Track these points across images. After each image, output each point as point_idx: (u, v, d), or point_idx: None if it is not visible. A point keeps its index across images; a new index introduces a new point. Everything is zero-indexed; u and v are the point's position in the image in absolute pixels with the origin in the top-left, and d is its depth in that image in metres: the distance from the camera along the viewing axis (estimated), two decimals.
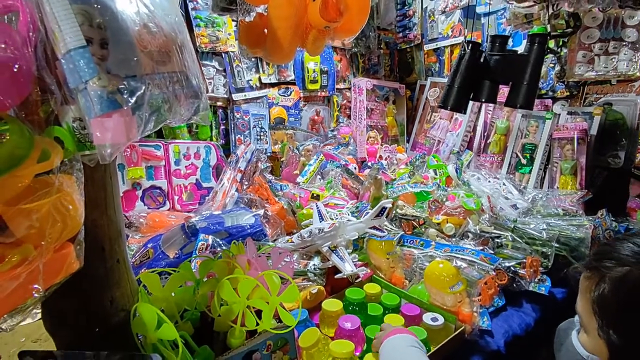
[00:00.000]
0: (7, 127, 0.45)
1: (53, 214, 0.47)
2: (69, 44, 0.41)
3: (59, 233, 0.49)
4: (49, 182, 0.47)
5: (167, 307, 0.83)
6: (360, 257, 1.47)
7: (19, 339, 1.11)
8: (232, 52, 2.07)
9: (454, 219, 1.64)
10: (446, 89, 1.20)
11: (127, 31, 0.46)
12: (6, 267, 0.45)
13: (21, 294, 0.46)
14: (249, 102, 2.17)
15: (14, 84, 0.43)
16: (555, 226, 1.58)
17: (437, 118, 2.43)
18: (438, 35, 2.48)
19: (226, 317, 0.82)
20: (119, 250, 0.69)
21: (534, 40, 1.07)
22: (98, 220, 0.64)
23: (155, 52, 0.49)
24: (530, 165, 1.98)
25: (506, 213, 1.70)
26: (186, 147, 1.93)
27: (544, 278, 1.42)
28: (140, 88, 0.45)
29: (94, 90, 0.42)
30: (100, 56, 0.43)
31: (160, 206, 1.83)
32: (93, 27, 0.43)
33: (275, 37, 0.76)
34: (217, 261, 0.91)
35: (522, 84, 1.09)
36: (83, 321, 0.66)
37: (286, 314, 0.78)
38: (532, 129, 1.98)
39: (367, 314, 1.20)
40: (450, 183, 1.96)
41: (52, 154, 0.47)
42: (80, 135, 0.50)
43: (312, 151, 2.14)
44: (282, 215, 1.69)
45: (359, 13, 0.83)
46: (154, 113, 0.49)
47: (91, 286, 0.65)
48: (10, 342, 1.10)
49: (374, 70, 2.66)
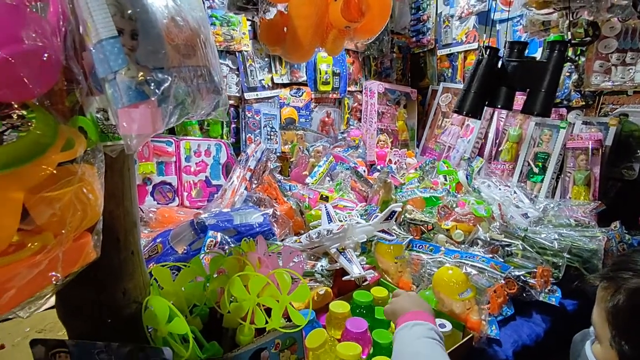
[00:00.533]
0: (33, 115, 0.45)
1: (74, 203, 0.47)
2: (101, 34, 0.42)
3: (79, 222, 0.49)
4: (72, 171, 0.48)
5: (177, 301, 0.83)
6: (368, 260, 1.47)
7: (24, 329, 1.11)
8: (245, 52, 2.08)
9: (463, 226, 1.63)
10: (462, 93, 1.19)
11: (156, 23, 0.46)
12: (26, 254, 0.45)
13: (40, 282, 0.46)
14: (260, 102, 2.17)
15: (43, 73, 0.44)
16: (567, 237, 1.56)
17: (448, 124, 2.42)
18: (452, 40, 2.47)
19: (236, 314, 0.82)
20: (133, 241, 0.69)
21: (554, 48, 1.06)
22: (114, 211, 0.64)
23: (182, 45, 0.49)
24: (542, 174, 1.95)
25: (517, 221, 1.68)
26: (197, 144, 1.95)
27: (554, 289, 1.40)
28: (167, 80, 0.45)
29: (123, 80, 0.43)
30: (130, 47, 0.44)
31: (169, 202, 1.84)
32: (124, 18, 0.43)
33: (295, 35, 0.76)
34: (228, 258, 0.91)
35: (540, 91, 1.07)
36: (96, 311, 0.66)
37: (296, 313, 0.78)
38: (546, 138, 1.96)
39: (374, 317, 1.19)
40: (460, 189, 1.94)
41: (76, 143, 0.48)
42: (103, 125, 0.50)
43: (321, 152, 2.14)
44: (290, 215, 1.69)
45: (380, 14, 0.83)
46: (178, 106, 0.49)
47: (105, 277, 0.65)
48: (14, 332, 1.10)
49: (386, 74, 2.66)
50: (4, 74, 0.41)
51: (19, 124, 0.43)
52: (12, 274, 0.43)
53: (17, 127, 0.43)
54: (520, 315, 1.33)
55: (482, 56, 1.13)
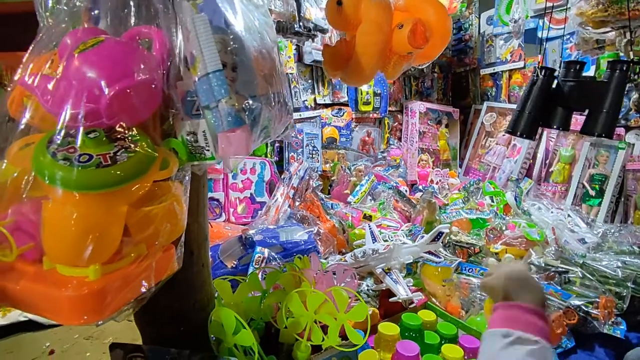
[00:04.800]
0: (137, 138, 0.51)
1: (167, 217, 0.52)
2: (208, 67, 0.47)
3: (169, 235, 0.54)
4: (167, 188, 0.53)
5: (236, 314, 0.87)
6: (414, 282, 1.44)
7: (73, 335, 1.16)
8: (290, 74, 2.17)
9: (513, 250, 1.57)
10: (516, 114, 1.17)
11: (250, 56, 0.51)
12: (127, 262, 0.50)
13: (136, 288, 0.51)
14: (303, 122, 2.24)
15: (150, 100, 0.50)
16: (632, 265, 1.45)
17: (493, 143, 2.36)
18: (496, 59, 2.44)
19: (292, 330, 0.84)
20: (204, 255, 0.74)
21: (615, 67, 1.02)
22: (190, 225, 0.69)
23: (267, 74, 0.54)
24: (599, 197, 1.84)
25: (573, 247, 1.59)
26: (243, 162, 2.03)
27: (619, 321, 1.30)
28: (258, 107, 0.50)
29: (224, 108, 0.48)
30: (231, 78, 0.49)
31: (217, 217, 1.92)
32: (227, 53, 0.48)
33: (359, 61, 0.80)
34: (284, 274, 0.93)
35: (602, 111, 1.04)
36: (171, 320, 0.70)
37: (353, 332, 0.78)
38: (602, 159, 1.86)
39: (423, 341, 1.15)
40: (509, 211, 1.87)
41: (171, 163, 0.53)
42: (192, 147, 0.55)
43: (363, 171, 2.16)
44: (333, 234, 1.70)
45: (441, 40, 0.86)
46: (264, 130, 0.53)
47: (181, 288, 0.70)
48: (64, 338, 1.15)
49: (427, 94, 2.66)
50: (121, 103, 0.47)
51: (128, 146, 0.49)
52: (116, 280, 0.48)
53: (126, 148, 0.48)
54: (581, 348, 1.24)
55: (536, 76, 1.12)
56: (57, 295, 0.46)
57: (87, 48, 0.49)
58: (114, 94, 0.47)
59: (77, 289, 0.45)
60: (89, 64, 0.48)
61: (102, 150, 0.47)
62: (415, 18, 0.79)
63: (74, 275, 0.47)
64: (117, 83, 0.48)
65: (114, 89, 0.47)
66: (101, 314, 0.46)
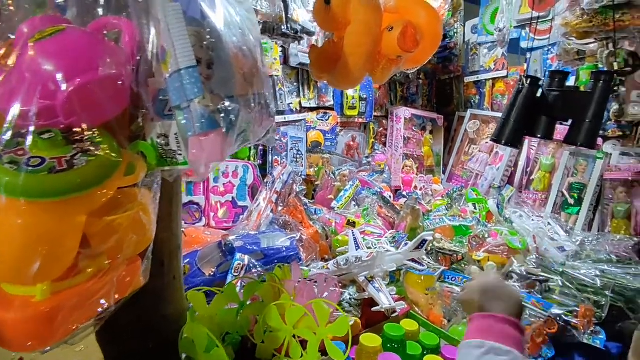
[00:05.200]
0: (100, 140, 0.46)
1: (133, 228, 0.47)
2: (180, 63, 0.43)
3: (134, 246, 0.49)
4: (132, 195, 0.48)
5: (210, 328, 0.81)
6: (397, 290, 1.41)
7: None
8: (276, 76, 2.13)
9: (496, 258, 1.56)
10: (501, 122, 1.17)
11: (228, 52, 0.47)
12: (83, 279, 0.45)
13: (93, 308, 0.46)
14: (288, 125, 2.20)
15: (115, 98, 0.45)
16: (609, 273, 1.47)
17: (475, 150, 2.38)
18: (479, 68, 2.47)
19: (270, 345, 0.79)
20: (176, 266, 0.69)
21: (599, 78, 1.03)
22: (161, 234, 0.64)
23: (247, 73, 0.50)
24: (578, 206, 1.87)
25: (553, 255, 1.60)
26: (225, 166, 1.97)
27: (598, 330, 1.31)
28: (235, 109, 0.46)
29: (197, 109, 0.43)
30: (206, 76, 0.44)
31: (196, 222, 1.85)
32: (202, 48, 0.44)
33: (347, 64, 0.76)
34: (263, 284, 0.89)
35: (584, 121, 1.04)
36: (136, 336, 0.64)
37: (334, 348, 0.74)
38: (581, 168, 1.89)
39: (405, 352, 1.13)
40: (491, 219, 1.88)
41: (138, 168, 0.48)
42: (162, 151, 0.51)
43: (347, 177, 2.13)
44: (316, 240, 1.67)
45: (431, 44, 0.84)
46: (242, 134, 0.49)
47: (148, 301, 0.64)
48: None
49: (412, 100, 2.67)
50: (82, 100, 0.42)
51: (88, 149, 0.43)
52: (70, 299, 0.43)
53: (86, 151, 0.43)
54: (561, 357, 1.24)
55: (522, 85, 1.12)
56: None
57: (44, 37, 0.44)
58: (72, 89, 0.42)
59: (21, 310, 0.40)
60: (46, 55, 0.43)
61: (57, 154, 0.42)
62: (405, 20, 0.77)
63: (20, 295, 0.41)
64: (77, 77, 0.42)
65: (73, 84, 0.42)
66: (49, 339, 0.40)
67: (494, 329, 0.63)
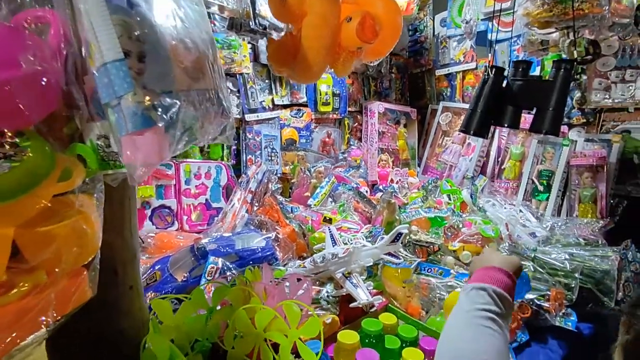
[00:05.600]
0: (27, 144, 0.42)
1: (71, 238, 0.43)
2: (105, 56, 0.39)
3: (75, 258, 0.45)
4: (69, 203, 0.44)
5: (177, 337, 0.78)
6: (374, 284, 1.41)
7: None
8: (246, 74, 2.08)
9: (471, 247, 1.59)
10: (468, 113, 1.18)
11: (165, 45, 0.43)
12: (16, 297, 0.41)
13: (29, 327, 0.42)
14: (261, 123, 2.16)
15: (41, 99, 0.40)
16: (578, 256, 1.51)
17: (449, 142, 2.41)
18: (450, 60, 2.50)
19: (241, 350, 0.76)
20: (132, 275, 0.65)
21: (560, 66, 1.05)
22: (113, 242, 0.60)
23: (190, 68, 0.46)
24: (547, 192, 1.93)
25: (525, 241, 1.64)
26: (197, 167, 1.91)
27: (569, 312, 1.35)
28: (175, 105, 0.42)
29: (128, 106, 0.39)
30: (137, 70, 0.41)
31: (168, 226, 1.79)
32: (131, 39, 0.40)
33: (306, 57, 0.74)
34: (232, 288, 0.86)
35: (548, 109, 1.06)
36: (88, 350, 0.60)
37: (307, 350, 0.72)
38: (549, 155, 1.95)
39: (384, 347, 1.12)
40: (465, 209, 1.91)
41: (74, 173, 0.44)
42: (104, 153, 0.47)
43: (323, 173, 2.11)
44: (292, 238, 1.64)
45: (391, 35, 0.82)
46: (186, 132, 0.46)
47: (101, 314, 0.60)
48: None
49: (385, 94, 2.68)
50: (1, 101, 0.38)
51: (12, 153, 0.39)
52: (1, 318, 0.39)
53: (10, 156, 0.39)
54: (535, 341, 1.27)
55: (487, 76, 1.13)
56: None
57: None
58: None
59: None
60: None
61: None
62: (363, 11, 0.75)
63: None
64: None
65: None
66: None
67: (486, 274, 0.75)
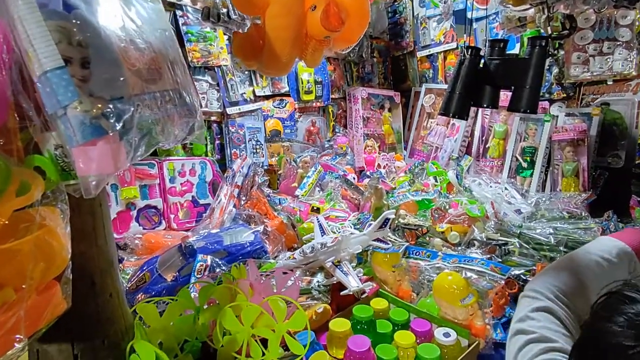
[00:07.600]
0: None
1: (35, 253, 0.42)
2: (44, 65, 0.37)
3: (42, 273, 0.44)
4: (29, 217, 0.43)
5: (165, 339, 0.78)
6: (365, 270, 1.42)
7: None
8: (225, 66, 2.04)
9: (458, 227, 1.60)
10: (447, 95, 1.17)
11: (112, 48, 0.41)
12: None
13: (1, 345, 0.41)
14: (243, 116, 2.13)
15: None
16: (562, 230, 1.54)
17: (433, 124, 2.41)
18: (430, 41, 2.47)
19: (230, 348, 0.77)
20: (111, 282, 0.64)
21: (535, 43, 1.05)
22: (87, 251, 0.59)
23: (144, 69, 0.44)
24: (531, 169, 1.95)
25: (510, 218, 1.67)
26: (181, 164, 1.88)
27: None
28: (128, 110, 0.41)
29: (75, 115, 0.38)
30: (81, 77, 0.39)
31: (155, 226, 1.77)
32: (72, 45, 0.38)
33: (272, 48, 0.72)
34: (218, 287, 0.85)
35: (525, 87, 1.06)
36: None
37: (294, 343, 0.73)
38: (531, 132, 1.96)
39: (376, 332, 1.14)
40: (452, 190, 1.93)
41: (32, 186, 0.42)
42: (63, 163, 0.45)
43: (309, 162, 2.10)
44: (282, 230, 1.64)
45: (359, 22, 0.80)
46: (145, 136, 0.44)
47: (81, 326, 0.60)
48: None
49: (368, 79, 2.65)
50: None
51: None
52: None
53: None
54: None
55: (464, 56, 1.12)
56: None
57: None
58: None
59: None
60: None
61: None
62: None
63: None
64: None
65: None
66: None
67: None
